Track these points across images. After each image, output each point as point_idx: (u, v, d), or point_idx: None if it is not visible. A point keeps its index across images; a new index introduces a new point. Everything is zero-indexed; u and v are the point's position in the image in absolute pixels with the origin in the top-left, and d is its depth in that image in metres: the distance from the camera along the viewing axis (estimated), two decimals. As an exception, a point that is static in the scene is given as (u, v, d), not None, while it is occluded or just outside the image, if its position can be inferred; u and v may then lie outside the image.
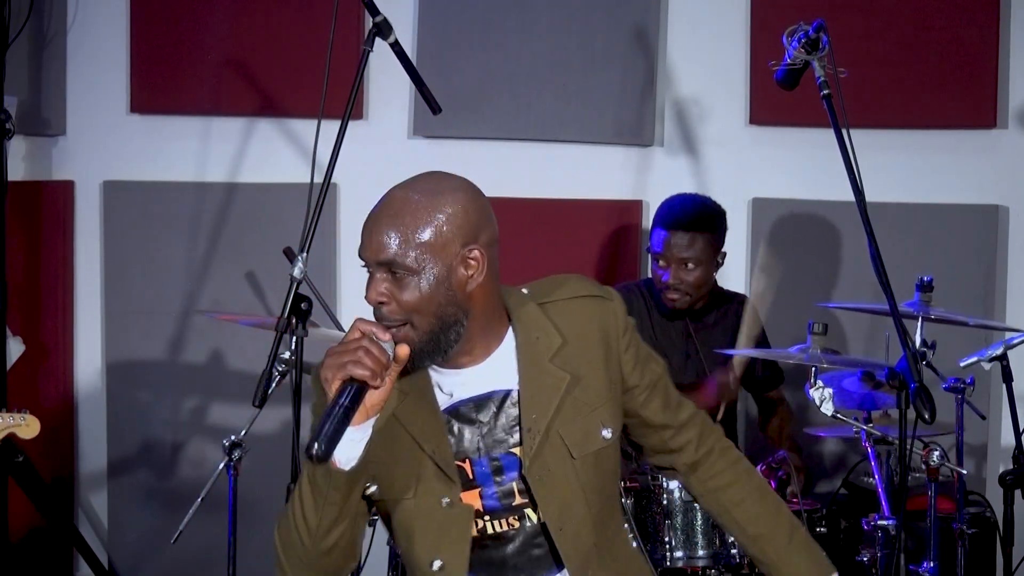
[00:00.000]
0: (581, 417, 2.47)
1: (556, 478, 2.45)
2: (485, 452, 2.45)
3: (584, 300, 2.52)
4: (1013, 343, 3.98)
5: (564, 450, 2.45)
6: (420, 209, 2.35)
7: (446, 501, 2.43)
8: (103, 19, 4.88)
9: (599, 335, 2.49)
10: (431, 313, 2.35)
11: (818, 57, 3.40)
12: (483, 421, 2.46)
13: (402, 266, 2.33)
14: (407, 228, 2.34)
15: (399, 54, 3.82)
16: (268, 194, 4.85)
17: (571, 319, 2.49)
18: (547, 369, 2.45)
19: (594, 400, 2.49)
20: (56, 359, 4.90)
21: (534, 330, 2.46)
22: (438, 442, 2.43)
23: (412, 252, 2.34)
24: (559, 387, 2.45)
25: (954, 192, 4.84)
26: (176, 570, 4.81)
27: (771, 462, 3.84)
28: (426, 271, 2.34)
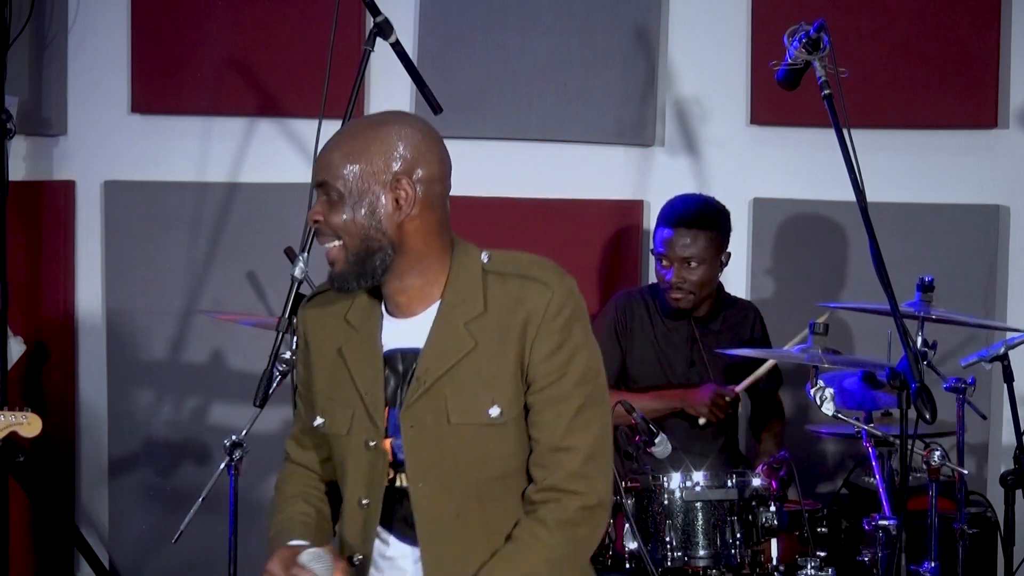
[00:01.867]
0: (473, 386, 2.45)
1: (427, 435, 2.46)
2: (399, 404, 2.49)
3: (528, 281, 2.47)
4: (1014, 343, 3.99)
5: (443, 411, 2.45)
6: (359, 136, 2.48)
7: (372, 443, 2.49)
8: (104, 19, 4.88)
9: (521, 316, 2.45)
10: (357, 236, 2.46)
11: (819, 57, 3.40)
12: (400, 372, 2.50)
13: (333, 188, 2.47)
14: (343, 153, 2.48)
15: (400, 54, 3.82)
16: (269, 194, 4.85)
17: (505, 293, 2.47)
18: (458, 331, 2.47)
19: (491, 375, 2.45)
20: (57, 359, 4.90)
21: (463, 292, 2.49)
22: (372, 385, 2.50)
23: (344, 176, 2.46)
24: (460, 350, 2.46)
25: (955, 192, 4.84)
26: (177, 570, 4.81)
27: (772, 462, 3.84)
28: (353, 195, 2.46)
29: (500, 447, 2.47)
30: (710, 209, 4.27)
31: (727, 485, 3.71)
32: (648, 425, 3.61)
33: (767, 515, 3.71)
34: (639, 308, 4.33)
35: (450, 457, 2.46)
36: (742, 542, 3.69)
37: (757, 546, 3.73)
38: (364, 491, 2.51)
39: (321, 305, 2.62)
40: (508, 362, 2.45)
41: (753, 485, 3.74)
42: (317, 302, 2.65)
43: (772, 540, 3.76)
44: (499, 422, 2.45)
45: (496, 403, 2.45)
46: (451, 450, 2.46)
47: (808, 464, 4.70)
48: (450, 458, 2.46)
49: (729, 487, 3.71)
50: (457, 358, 2.45)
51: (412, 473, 2.47)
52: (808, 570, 3.70)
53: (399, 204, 2.45)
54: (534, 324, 2.44)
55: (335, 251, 2.49)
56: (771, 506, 3.72)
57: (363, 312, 2.56)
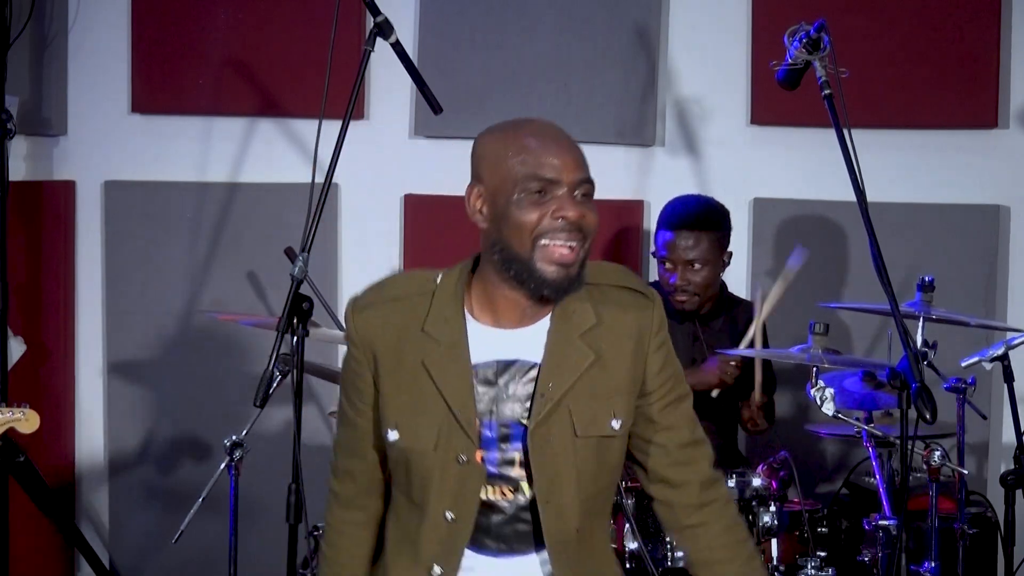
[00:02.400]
0: (595, 399, 2.45)
1: (555, 449, 2.44)
2: (496, 416, 2.45)
3: (626, 291, 2.51)
4: (1014, 343, 3.98)
5: (570, 425, 2.43)
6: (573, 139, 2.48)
7: (463, 458, 2.43)
8: (104, 19, 4.88)
9: (634, 328, 2.48)
10: (592, 238, 2.43)
11: (819, 57, 3.40)
12: (500, 385, 2.45)
13: (591, 185, 2.43)
14: (580, 151, 2.45)
15: (400, 54, 3.82)
16: (269, 194, 4.85)
17: (610, 305, 2.48)
18: (575, 344, 2.44)
19: (612, 387, 2.46)
20: (57, 359, 4.90)
21: (571, 306, 2.46)
22: (464, 400, 2.44)
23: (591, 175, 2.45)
24: (582, 363, 2.44)
25: (955, 192, 4.84)
26: (177, 570, 4.81)
27: (772, 462, 3.84)
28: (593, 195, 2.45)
29: (613, 458, 2.50)
30: (711, 210, 4.27)
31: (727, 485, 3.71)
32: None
33: (767, 515, 3.72)
34: (642, 305, 4.33)
35: (574, 471, 2.45)
36: (742, 542, 3.69)
37: (757, 546, 3.73)
38: (451, 506, 2.45)
39: (382, 315, 2.49)
40: (626, 374, 2.47)
41: (753, 485, 3.74)
42: (376, 312, 2.50)
43: (772, 540, 3.77)
44: (618, 434, 2.48)
45: (616, 414, 2.46)
46: (575, 464, 2.45)
47: (808, 464, 4.69)
48: (574, 472, 2.45)
49: (729, 487, 3.71)
50: (579, 371, 2.44)
51: (541, 491, 2.44)
52: (808, 570, 3.70)
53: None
54: (646, 338, 2.48)
55: (574, 252, 2.40)
56: (771, 506, 3.72)
57: (444, 323, 2.46)
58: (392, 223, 4.89)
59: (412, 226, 4.87)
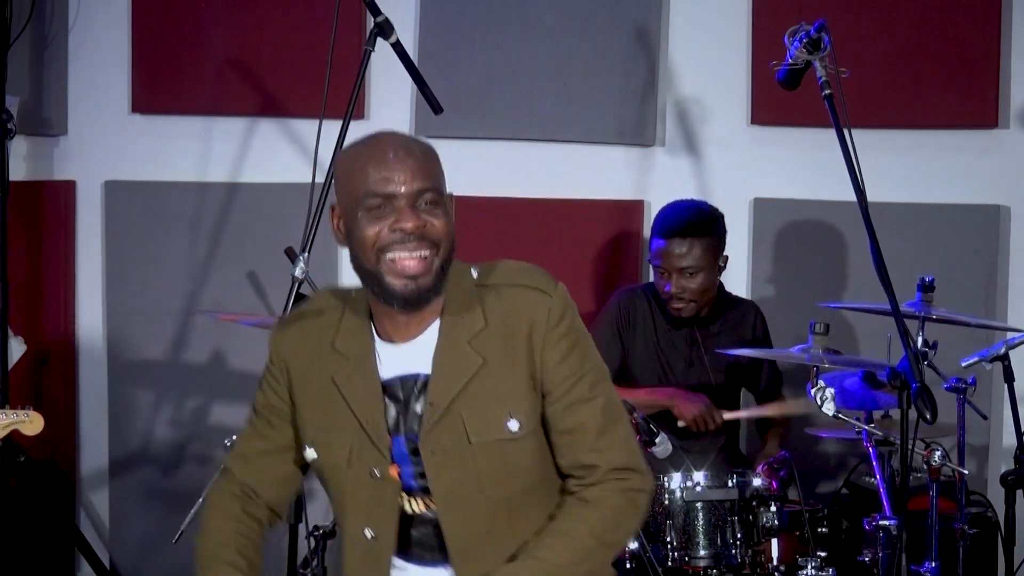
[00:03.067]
0: (487, 403, 2.42)
1: (450, 458, 2.43)
2: (404, 430, 2.44)
3: (523, 289, 2.46)
4: (1014, 343, 3.99)
5: (462, 432, 2.41)
6: (425, 148, 2.44)
7: (377, 473, 2.43)
8: (105, 19, 4.88)
9: (526, 327, 2.43)
10: (449, 245, 2.41)
11: (819, 57, 3.40)
12: (402, 400, 2.45)
13: (438, 192, 2.40)
14: (430, 160, 2.42)
15: (400, 54, 3.83)
16: (270, 194, 4.85)
17: (502, 305, 2.45)
18: (463, 350, 2.42)
19: (504, 390, 2.43)
20: (57, 359, 4.90)
21: (461, 309, 2.44)
22: (373, 413, 2.44)
23: (441, 182, 2.42)
24: (470, 369, 2.41)
25: (955, 192, 4.84)
26: (178, 570, 4.80)
27: (772, 462, 3.84)
28: (446, 203, 2.42)
29: (522, 459, 2.47)
30: (703, 216, 4.24)
31: (728, 485, 3.71)
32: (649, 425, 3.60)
33: (768, 515, 3.72)
34: (641, 305, 4.33)
35: (474, 477, 2.43)
36: (743, 542, 3.69)
37: (757, 546, 3.73)
38: (368, 522, 2.46)
39: (299, 331, 2.54)
40: (519, 374, 2.43)
41: (754, 485, 3.74)
42: (294, 328, 2.55)
43: (773, 540, 3.77)
44: (519, 435, 2.44)
45: (513, 416, 2.43)
46: (475, 470, 2.43)
47: (809, 464, 4.70)
48: (475, 478, 2.44)
49: (730, 487, 3.71)
50: (468, 377, 2.42)
51: (440, 500, 2.44)
52: (808, 570, 3.70)
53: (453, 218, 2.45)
54: (540, 332, 2.43)
55: (424, 262, 2.38)
56: (772, 506, 3.72)
57: (352, 339, 2.47)
58: (392, 223, 4.89)
59: (412, 226, 4.87)
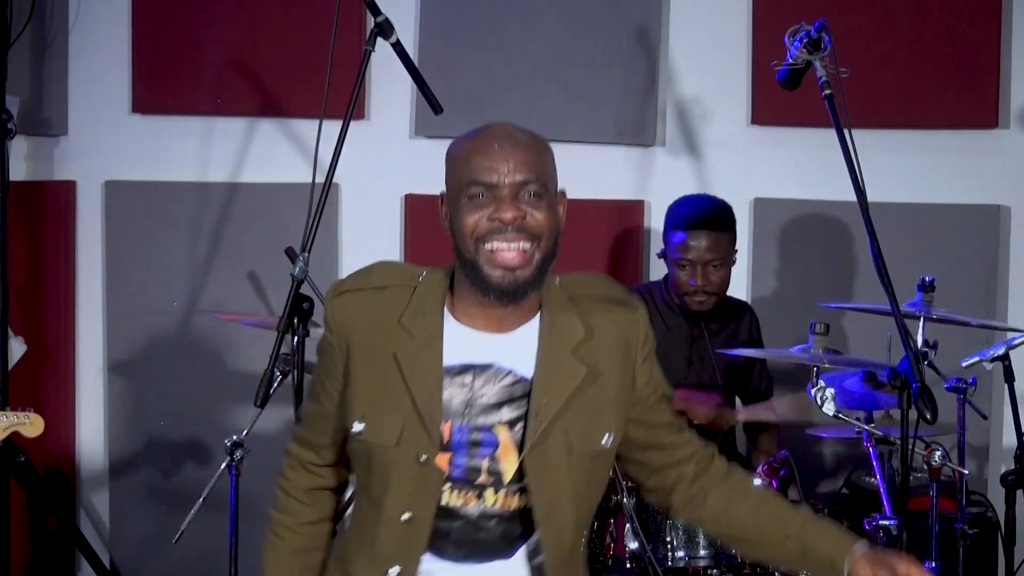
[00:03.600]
0: (588, 415, 2.43)
1: (552, 469, 2.40)
2: (468, 419, 2.40)
3: (612, 303, 2.49)
4: (1015, 343, 3.99)
5: (565, 443, 2.41)
6: (537, 141, 2.44)
7: (424, 458, 2.38)
8: (105, 19, 4.88)
9: (621, 340, 2.47)
10: (552, 239, 2.39)
11: (820, 57, 3.40)
12: (475, 388, 2.41)
13: (541, 185, 2.38)
14: (538, 153, 2.41)
15: (401, 54, 3.82)
16: (270, 194, 4.85)
17: (598, 318, 2.46)
18: (566, 359, 2.41)
19: (604, 402, 2.45)
20: (58, 359, 4.90)
21: (561, 318, 2.44)
22: (431, 398, 2.39)
23: (547, 175, 2.41)
24: (574, 379, 2.41)
25: (956, 192, 4.84)
26: (178, 570, 4.81)
27: (772, 462, 3.83)
28: (551, 195, 2.41)
29: (602, 474, 2.50)
30: (724, 209, 4.26)
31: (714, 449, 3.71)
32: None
33: (768, 515, 3.71)
34: (641, 306, 4.32)
35: (571, 488, 2.43)
36: (743, 542, 3.69)
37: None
38: (408, 506, 2.40)
39: (362, 301, 2.45)
40: (616, 388, 2.46)
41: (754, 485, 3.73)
42: (355, 298, 2.46)
43: (773, 540, 3.76)
44: (607, 450, 2.46)
45: (608, 429, 2.45)
46: (571, 481, 2.43)
47: (809, 464, 4.70)
48: (571, 489, 2.43)
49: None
50: (572, 388, 2.41)
51: (541, 510, 2.41)
52: (809, 570, 3.69)
53: (562, 214, 2.44)
54: (636, 344, 2.48)
55: (524, 255, 2.35)
56: (772, 506, 3.71)
57: (422, 318, 2.41)
58: (393, 223, 4.90)
59: (413, 226, 4.87)
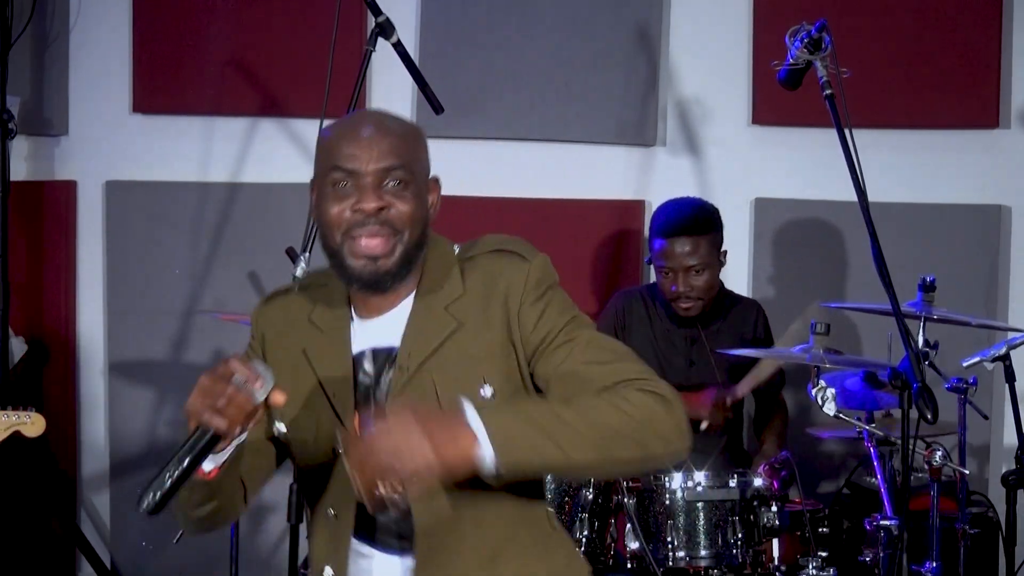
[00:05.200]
0: (460, 366, 2.30)
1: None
2: (372, 408, 2.32)
3: (502, 255, 2.37)
4: (1016, 343, 3.99)
5: (433, 396, 2.28)
6: (406, 128, 2.35)
7: (340, 449, 2.28)
8: (106, 19, 4.89)
9: (503, 290, 2.32)
10: (418, 228, 2.31)
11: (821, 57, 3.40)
12: (373, 374, 2.34)
13: (406, 172, 2.29)
14: (405, 139, 2.32)
15: (401, 54, 3.83)
16: (270, 194, 4.85)
17: (480, 272, 2.36)
18: (437, 315, 2.32)
19: (479, 352, 2.30)
20: (58, 359, 4.90)
21: (440, 279, 2.35)
22: (340, 388, 2.33)
23: (414, 162, 2.32)
24: (442, 331, 2.31)
25: (956, 192, 4.84)
26: (178, 570, 4.81)
27: (774, 462, 3.84)
28: (419, 184, 2.33)
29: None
30: (703, 212, 4.24)
31: (729, 485, 3.71)
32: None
33: (768, 515, 3.72)
34: (638, 307, 4.33)
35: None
36: (744, 542, 3.69)
37: (759, 546, 3.73)
38: (332, 501, 2.34)
39: (281, 305, 2.45)
40: (495, 338, 2.32)
41: (755, 485, 3.74)
42: (276, 303, 2.47)
43: (774, 540, 3.76)
44: (492, 403, 2.28)
45: (487, 382, 2.29)
46: None
47: (810, 464, 4.70)
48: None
49: (731, 487, 3.71)
50: (440, 339, 2.30)
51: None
52: (809, 570, 3.70)
53: (432, 205, 2.37)
54: (516, 294, 2.32)
55: (385, 243, 2.28)
56: (772, 506, 3.72)
57: (329, 313, 2.38)
58: (393, 223, 4.89)
59: (413, 226, 4.87)
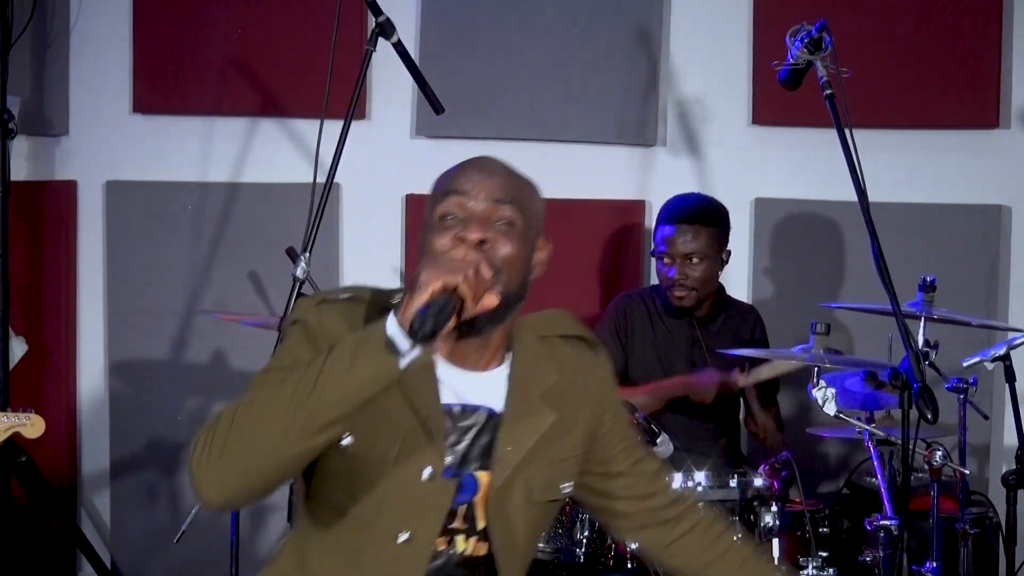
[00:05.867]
0: (551, 463, 2.34)
1: (511, 513, 2.32)
2: (454, 463, 2.28)
3: (577, 342, 2.41)
4: (1016, 343, 3.99)
5: (525, 490, 2.32)
6: (523, 177, 2.35)
7: (428, 472, 2.23)
8: (106, 19, 4.88)
9: (592, 386, 2.39)
10: (515, 276, 2.24)
11: (821, 57, 3.40)
12: (461, 429, 2.29)
13: (515, 213, 2.26)
14: (516, 185, 2.32)
15: (402, 54, 3.83)
16: (271, 194, 4.85)
17: (567, 360, 2.38)
18: (535, 403, 2.32)
19: (568, 450, 2.37)
20: (59, 359, 4.90)
21: (532, 359, 2.34)
22: (432, 404, 2.25)
23: (526, 207, 2.29)
24: (542, 425, 2.31)
25: (956, 192, 4.84)
26: (179, 570, 4.81)
27: (774, 463, 3.84)
28: (527, 232, 2.28)
29: (551, 517, 2.46)
30: (710, 206, 4.29)
31: (729, 485, 3.71)
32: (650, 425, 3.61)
33: (769, 515, 3.71)
34: (639, 309, 4.33)
35: (525, 533, 2.36)
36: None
37: (759, 546, 3.73)
38: (406, 525, 2.24)
39: (348, 312, 2.27)
40: (580, 433, 2.38)
41: (755, 485, 3.74)
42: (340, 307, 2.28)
43: (774, 540, 3.76)
44: (564, 496, 2.40)
45: (569, 477, 2.38)
46: (527, 526, 2.36)
47: (810, 464, 4.70)
48: (525, 534, 2.36)
49: (731, 487, 3.71)
50: (538, 435, 2.31)
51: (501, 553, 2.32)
52: (810, 570, 3.69)
53: (540, 260, 2.33)
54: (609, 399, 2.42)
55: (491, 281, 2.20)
56: (773, 506, 3.72)
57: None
58: (394, 223, 4.90)
59: (414, 226, 4.87)
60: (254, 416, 2.09)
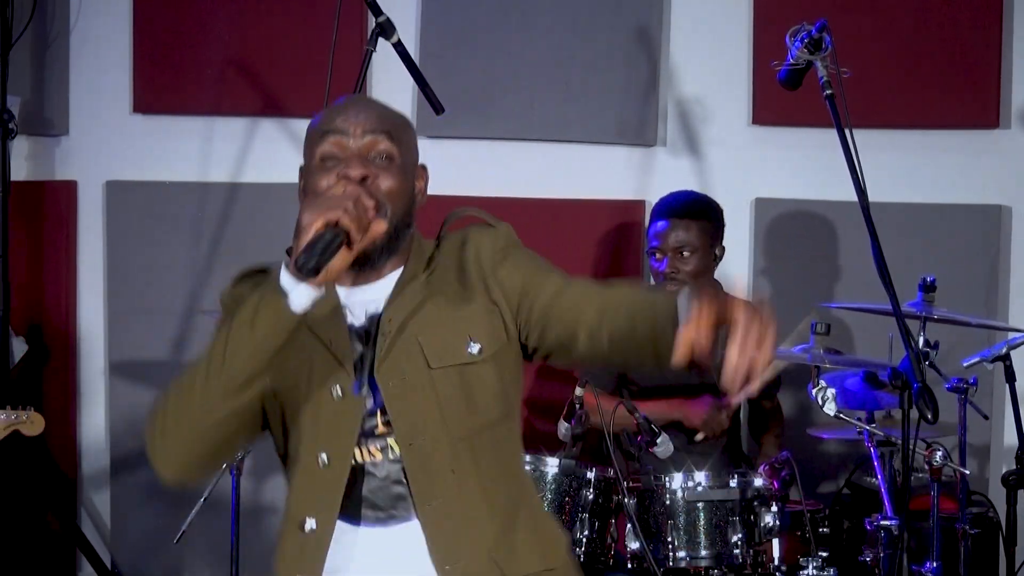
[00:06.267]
0: (444, 326, 2.35)
1: (409, 386, 2.32)
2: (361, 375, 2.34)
3: (469, 227, 2.45)
4: (1016, 343, 3.99)
5: (420, 357, 2.32)
6: (395, 112, 2.43)
7: (338, 392, 2.32)
8: (106, 19, 4.89)
9: (473, 252, 2.40)
10: (400, 206, 2.35)
11: (821, 57, 3.41)
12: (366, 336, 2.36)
13: (394, 147, 2.35)
14: (390, 118, 2.39)
15: (402, 54, 3.83)
16: (271, 194, 4.85)
17: (451, 243, 2.43)
18: (418, 281, 2.38)
19: (461, 313, 2.36)
20: (59, 359, 4.90)
21: (421, 259, 2.41)
22: (336, 331, 2.34)
23: (404, 141, 2.38)
24: (420, 296, 2.36)
25: (957, 192, 4.84)
26: (179, 570, 4.81)
27: (774, 463, 3.84)
28: (407, 164, 2.38)
29: (483, 389, 2.36)
30: (701, 201, 4.29)
31: (729, 485, 3.72)
32: (650, 425, 3.62)
33: (769, 515, 3.72)
34: (639, 308, 4.33)
35: (436, 407, 2.32)
36: (744, 542, 3.70)
37: (759, 546, 3.73)
38: (325, 446, 2.31)
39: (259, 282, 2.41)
40: (474, 299, 2.37)
41: (755, 485, 3.74)
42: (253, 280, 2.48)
43: (774, 540, 3.77)
44: (480, 359, 2.34)
45: (473, 340, 2.34)
46: (436, 399, 2.32)
47: (810, 464, 4.69)
48: (436, 408, 2.32)
49: (731, 487, 3.71)
50: (419, 300, 2.35)
51: (401, 434, 2.31)
52: (810, 570, 3.70)
53: (419, 192, 2.43)
54: (488, 255, 2.40)
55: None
56: (773, 506, 3.72)
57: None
58: (393, 223, 4.89)
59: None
60: (183, 390, 2.36)
